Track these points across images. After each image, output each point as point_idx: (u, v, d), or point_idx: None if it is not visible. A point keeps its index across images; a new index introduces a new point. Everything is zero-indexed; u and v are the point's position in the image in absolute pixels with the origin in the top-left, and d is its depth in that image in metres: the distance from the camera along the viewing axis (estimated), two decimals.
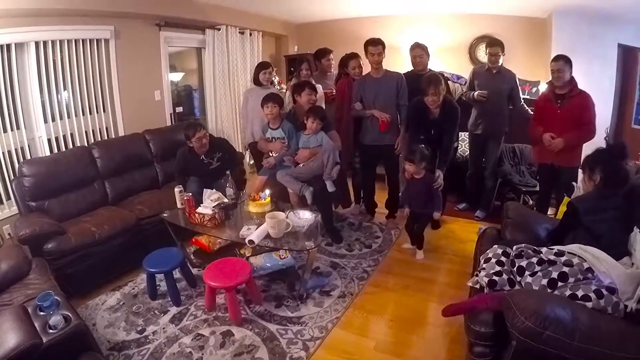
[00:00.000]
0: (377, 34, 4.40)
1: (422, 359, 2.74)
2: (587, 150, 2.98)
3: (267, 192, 3.80)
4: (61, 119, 4.28)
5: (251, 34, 6.38)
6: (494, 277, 2.34)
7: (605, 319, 1.92)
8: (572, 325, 1.78)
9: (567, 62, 3.65)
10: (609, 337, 1.79)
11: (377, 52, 4.13)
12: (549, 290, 2.15)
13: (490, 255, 2.52)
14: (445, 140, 3.96)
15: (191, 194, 3.59)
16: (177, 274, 3.45)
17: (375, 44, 4.14)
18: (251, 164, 6.05)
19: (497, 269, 2.39)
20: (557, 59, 3.69)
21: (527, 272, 2.28)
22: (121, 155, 4.37)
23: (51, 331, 2.16)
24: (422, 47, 4.39)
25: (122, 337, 2.93)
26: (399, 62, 5.48)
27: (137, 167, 4.53)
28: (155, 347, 2.82)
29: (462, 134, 5.26)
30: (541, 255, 2.33)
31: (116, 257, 3.64)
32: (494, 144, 4.62)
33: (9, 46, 3.73)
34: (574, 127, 3.69)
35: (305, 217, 3.43)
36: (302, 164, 4.08)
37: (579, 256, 2.24)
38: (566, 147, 3.71)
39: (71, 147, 4.34)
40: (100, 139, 4.62)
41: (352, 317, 3.14)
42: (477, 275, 2.49)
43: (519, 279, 2.31)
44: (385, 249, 4.16)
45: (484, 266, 2.46)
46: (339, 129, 4.41)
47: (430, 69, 4.48)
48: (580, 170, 2.78)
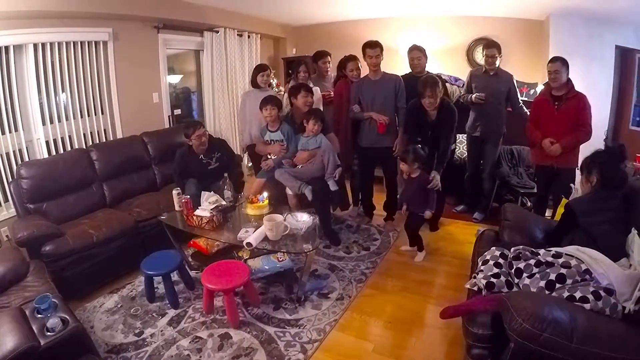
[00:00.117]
0: (375, 36, 4.41)
1: None
2: (586, 151, 2.98)
3: (265, 194, 3.79)
4: (59, 121, 4.28)
5: (249, 37, 6.38)
6: (492, 279, 2.35)
7: (603, 321, 1.93)
8: (570, 326, 1.78)
9: (563, 63, 3.66)
10: (607, 338, 1.79)
11: (375, 54, 4.14)
12: (547, 292, 2.15)
13: (488, 257, 2.52)
14: (442, 142, 3.96)
15: (189, 197, 3.59)
16: (175, 276, 3.45)
17: (373, 46, 4.14)
18: (249, 166, 6.05)
19: (495, 271, 2.39)
20: (553, 60, 3.71)
21: (524, 274, 2.29)
22: (119, 157, 4.37)
23: (49, 334, 2.16)
24: (420, 49, 4.40)
25: (120, 340, 2.92)
26: (397, 64, 5.49)
27: (135, 170, 4.53)
28: (153, 349, 2.81)
29: (460, 136, 5.28)
30: (539, 257, 2.33)
31: (114, 260, 3.63)
32: (491, 146, 4.63)
33: (7, 48, 3.73)
34: (571, 129, 3.70)
35: (303, 219, 3.42)
36: (301, 165, 4.09)
37: (576, 258, 2.24)
38: (564, 151, 3.73)
39: (69, 149, 4.34)
40: (98, 142, 4.61)
41: (350, 319, 3.13)
42: (475, 277, 2.49)
43: (516, 280, 2.32)
44: (383, 251, 4.16)
45: (482, 268, 2.47)
46: (337, 132, 4.42)
47: (428, 71, 4.48)
48: (578, 171, 2.79)
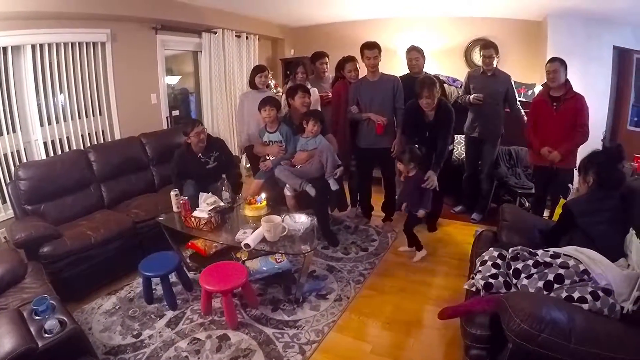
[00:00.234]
0: (373, 37, 4.41)
1: None
2: (584, 151, 2.98)
3: (263, 195, 3.79)
4: (57, 122, 4.27)
5: (247, 38, 6.38)
6: (490, 280, 2.34)
7: (601, 321, 1.93)
8: (568, 327, 1.78)
9: (562, 63, 3.67)
10: (605, 338, 1.79)
11: (373, 55, 4.14)
12: (545, 292, 2.15)
13: (486, 257, 2.52)
14: (440, 142, 3.96)
15: (187, 198, 3.59)
16: (173, 277, 3.43)
17: (371, 47, 4.15)
18: (247, 167, 6.04)
19: (493, 271, 2.39)
20: (552, 60, 3.73)
21: (523, 275, 2.28)
22: (117, 158, 4.37)
23: (46, 335, 2.16)
24: (418, 50, 4.40)
25: (118, 342, 2.92)
26: (395, 65, 5.49)
27: (133, 171, 4.53)
28: (151, 351, 2.81)
29: (458, 136, 5.27)
30: (537, 257, 2.33)
31: (112, 261, 3.63)
32: (490, 147, 4.63)
33: (5, 49, 3.73)
34: (569, 129, 3.72)
35: (301, 220, 3.42)
36: (299, 166, 4.09)
37: (574, 258, 2.24)
38: (563, 153, 3.74)
39: (67, 150, 4.34)
40: (96, 143, 4.61)
41: (349, 320, 3.13)
42: (473, 277, 2.49)
43: (515, 281, 2.32)
44: (381, 252, 4.16)
45: (480, 269, 2.46)
46: (336, 132, 4.42)
47: (426, 72, 4.48)
48: (576, 171, 2.79)
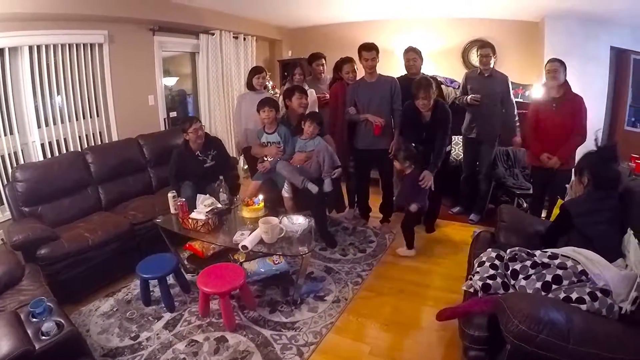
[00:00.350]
0: (371, 38, 4.42)
1: None
2: (582, 152, 2.99)
3: (261, 197, 3.79)
4: (55, 123, 4.26)
5: (245, 39, 6.38)
6: (488, 281, 2.34)
7: (599, 321, 1.93)
8: (566, 328, 1.78)
9: (562, 64, 3.71)
10: (603, 339, 1.78)
11: (371, 57, 4.13)
12: (543, 293, 2.15)
13: (484, 258, 2.52)
14: (437, 143, 3.97)
15: (185, 199, 3.59)
16: (170, 279, 3.44)
17: (369, 48, 4.14)
18: (245, 168, 6.04)
19: (491, 272, 2.38)
20: (552, 60, 3.76)
21: (521, 276, 2.28)
22: (115, 160, 4.36)
23: (44, 338, 2.16)
24: (416, 51, 4.40)
25: (115, 344, 2.91)
26: (393, 66, 5.50)
27: (130, 173, 4.52)
28: (149, 353, 2.80)
29: (456, 137, 5.28)
30: (535, 258, 2.32)
31: (110, 263, 3.62)
32: (487, 148, 4.64)
33: (2, 50, 3.73)
34: (568, 130, 3.73)
35: (298, 222, 3.42)
36: (298, 166, 4.08)
37: (572, 259, 2.24)
38: (562, 157, 3.76)
39: (64, 152, 4.32)
40: (93, 144, 4.60)
41: (347, 322, 3.13)
42: (471, 279, 2.48)
43: (512, 282, 2.31)
44: (379, 254, 4.15)
45: (478, 270, 2.46)
46: (333, 134, 4.41)
47: (423, 73, 4.48)
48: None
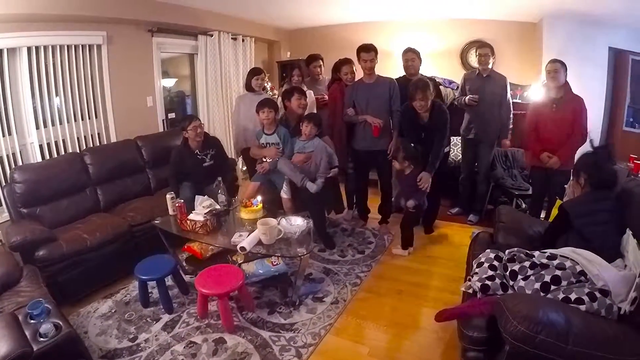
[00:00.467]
0: (370, 39, 4.42)
1: None
2: (582, 153, 3.00)
3: (259, 198, 3.78)
4: (53, 125, 4.25)
5: (244, 40, 6.37)
6: (487, 282, 2.33)
7: (599, 322, 1.93)
8: (565, 328, 1.78)
9: (562, 64, 3.73)
10: (603, 340, 1.78)
11: (369, 58, 4.14)
12: (542, 294, 2.15)
13: (482, 259, 2.52)
14: (435, 144, 3.96)
15: (183, 201, 3.58)
16: (169, 281, 3.43)
17: (367, 50, 4.15)
18: (244, 170, 6.03)
19: (490, 273, 2.38)
20: (553, 61, 3.79)
21: (519, 276, 2.28)
22: (113, 161, 4.35)
23: (41, 339, 2.16)
24: (415, 52, 4.40)
25: (114, 345, 2.90)
26: (391, 67, 5.50)
27: (129, 174, 4.50)
28: (147, 355, 2.80)
29: (455, 138, 5.29)
30: (534, 259, 2.33)
31: (108, 265, 3.61)
32: (486, 148, 4.65)
33: (0, 51, 3.71)
34: (568, 131, 3.74)
35: (297, 223, 3.42)
36: (298, 166, 4.07)
37: (571, 259, 2.24)
38: (562, 158, 3.76)
39: (63, 153, 4.31)
40: (92, 145, 4.59)
41: (346, 323, 3.13)
42: (470, 279, 2.48)
43: (511, 283, 2.31)
44: (378, 255, 4.15)
45: (477, 271, 2.46)
46: (332, 135, 4.42)
47: (421, 74, 4.48)
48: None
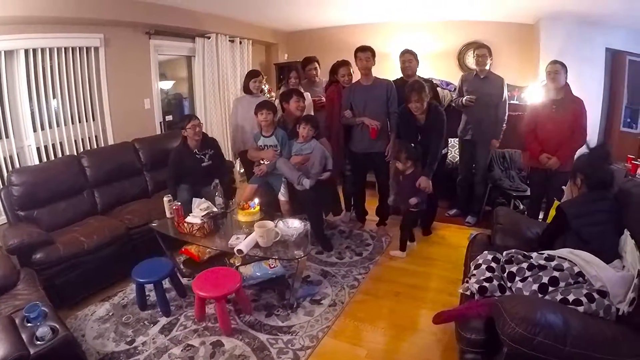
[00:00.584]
0: (367, 41, 4.43)
1: None
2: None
3: (257, 200, 3.78)
4: (50, 127, 4.24)
5: (241, 42, 6.37)
6: (485, 284, 2.33)
7: (597, 323, 1.93)
8: (563, 330, 1.78)
9: (563, 66, 3.74)
10: (601, 341, 1.79)
11: (365, 57, 4.15)
12: (540, 295, 2.15)
13: (480, 261, 2.51)
14: (432, 146, 3.96)
15: (180, 203, 3.58)
16: (166, 284, 3.42)
17: (364, 50, 4.17)
18: (241, 172, 6.02)
19: (488, 275, 2.38)
20: (553, 62, 3.79)
21: (517, 278, 2.28)
22: (110, 164, 4.34)
23: (38, 343, 2.15)
24: (412, 53, 4.41)
25: (111, 348, 2.89)
26: (389, 69, 5.48)
27: (126, 176, 4.49)
28: (144, 358, 2.79)
29: (452, 140, 5.29)
30: (531, 260, 2.33)
31: (105, 267, 3.60)
32: (483, 150, 4.65)
33: None
34: (568, 132, 3.75)
35: (294, 225, 3.42)
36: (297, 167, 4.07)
37: (569, 260, 2.24)
38: (562, 159, 3.76)
39: (60, 156, 4.31)
40: (89, 148, 4.58)
41: (343, 325, 3.12)
42: (467, 281, 2.48)
43: (509, 284, 2.31)
44: (375, 257, 4.15)
45: (474, 272, 2.46)
46: (329, 137, 4.41)
47: (419, 75, 4.48)
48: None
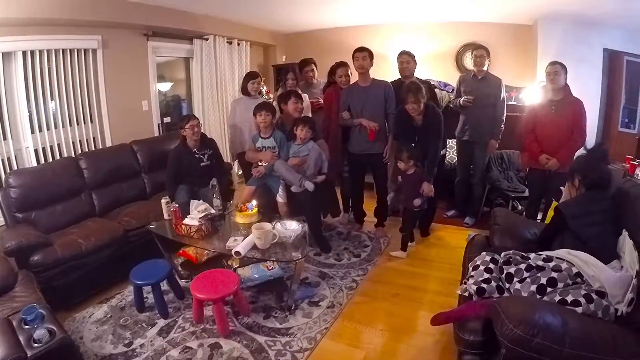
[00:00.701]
0: (365, 42, 4.42)
1: None
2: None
3: (254, 202, 3.77)
4: (48, 129, 4.24)
5: (239, 44, 6.38)
6: (483, 285, 2.33)
7: (595, 324, 1.93)
8: (562, 331, 1.78)
9: (562, 67, 3.74)
10: (599, 341, 1.79)
11: (362, 56, 4.15)
12: (538, 296, 2.15)
13: (478, 262, 2.51)
14: (430, 148, 3.96)
15: (178, 205, 3.58)
16: (164, 286, 3.40)
17: (361, 50, 4.19)
18: (239, 174, 6.02)
19: (486, 276, 2.38)
20: (553, 63, 3.79)
21: (515, 279, 2.28)
22: (108, 166, 4.33)
23: (36, 345, 2.15)
24: (409, 54, 4.41)
25: (109, 351, 2.88)
26: (387, 70, 5.49)
27: (124, 178, 4.49)
28: None
29: (450, 141, 5.29)
30: (529, 261, 2.33)
31: (103, 269, 3.59)
32: (481, 151, 4.65)
33: None
34: (567, 133, 3.76)
35: (292, 227, 3.41)
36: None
37: (567, 261, 2.24)
38: (562, 160, 3.76)
39: (58, 157, 4.31)
40: (87, 150, 4.58)
41: (342, 327, 3.12)
42: (465, 282, 2.48)
43: (507, 285, 2.31)
44: (374, 258, 4.15)
45: (473, 274, 2.46)
46: (327, 138, 4.41)
47: (416, 76, 4.48)
48: None
